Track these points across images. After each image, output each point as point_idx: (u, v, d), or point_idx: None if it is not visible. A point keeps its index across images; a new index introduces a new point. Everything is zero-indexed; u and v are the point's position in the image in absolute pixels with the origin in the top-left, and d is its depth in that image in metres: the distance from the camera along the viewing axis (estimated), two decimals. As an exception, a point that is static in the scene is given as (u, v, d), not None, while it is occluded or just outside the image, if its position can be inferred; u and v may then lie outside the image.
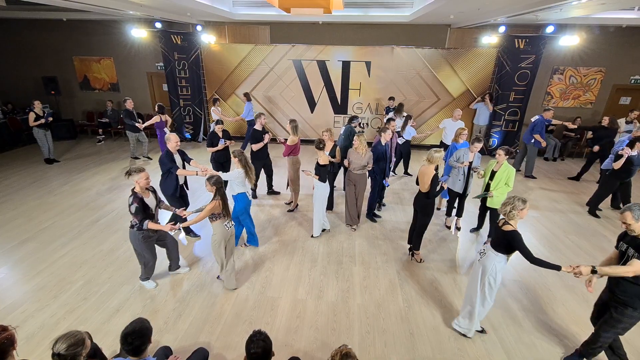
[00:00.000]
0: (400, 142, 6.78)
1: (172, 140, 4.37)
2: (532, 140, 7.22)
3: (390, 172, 6.65)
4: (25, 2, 6.45)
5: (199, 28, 8.78)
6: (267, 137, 5.68)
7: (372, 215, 5.68)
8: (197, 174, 4.38)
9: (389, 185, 5.60)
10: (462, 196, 5.17)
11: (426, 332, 3.39)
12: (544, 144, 7.15)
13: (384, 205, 6.02)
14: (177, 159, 4.50)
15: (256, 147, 5.65)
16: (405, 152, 7.34)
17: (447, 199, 5.89)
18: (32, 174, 7.23)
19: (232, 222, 3.75)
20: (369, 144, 5.05)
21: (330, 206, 5.80)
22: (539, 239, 5.14)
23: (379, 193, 5.65)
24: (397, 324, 3.49)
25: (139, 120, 8.13)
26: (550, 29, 7.75)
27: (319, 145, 4.67)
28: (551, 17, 6.84)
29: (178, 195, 4.57)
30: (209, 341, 3.21)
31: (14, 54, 10.04)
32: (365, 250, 4.78)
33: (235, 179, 4.21)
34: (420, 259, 4.50)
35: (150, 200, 3.49)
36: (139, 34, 8.69)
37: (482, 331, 3.36)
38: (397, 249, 4.82)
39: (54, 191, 6.43)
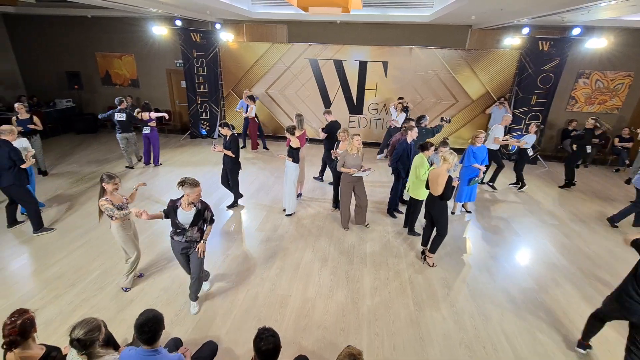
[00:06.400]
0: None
1: (15, 133, 4.69)
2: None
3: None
4: (54, -1, 6.70)
5: (217, 26, 8.90)
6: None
7: (392, 211, 5.71)
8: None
9: (404, 176, 5.52)
10: None
11: (436, 337, 3.33)
12: None
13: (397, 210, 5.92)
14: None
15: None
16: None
17: (462, 202, 5.80)
18: (50, 167, 7.48)
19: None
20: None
21: (337, 205, 5.78)
22: (558, 247, 4.97)
23: (400, 190, 5.66)
24: (407, 327, 3.44)
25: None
26: (576, 31, 7.49)
27: (292, 130, 5.28)
28: (578, 19, 6.62)
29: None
30: (219, 335, 3.24)
31: (40, 49, 10.42)
32: (377, 251, 4.74)
33: None
34: (433, 263, 4.42)
35: (185, 216, 3.16)
36: (159, 31, 8.86)
37: None
38: (409, 251, 4.76)
39: (76, 182, 6.64)
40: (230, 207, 5.80)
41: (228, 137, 5.33)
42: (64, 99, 10.43)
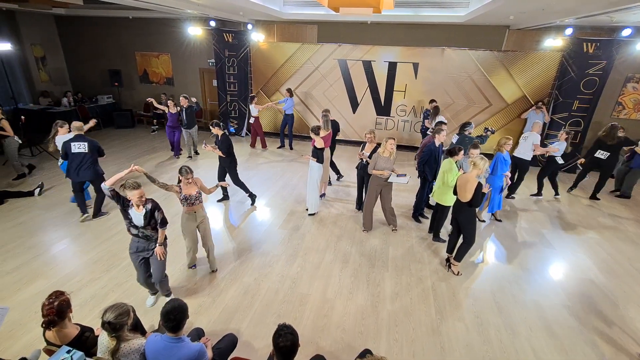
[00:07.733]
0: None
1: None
2: None
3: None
4: (100, 2, 7.12)
5: (249, 27, 9.10)
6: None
7: (417, 216, 5.61)
8: None
9: (430, 180, 5.39)
10: None
11: (458, 348, 3.22)
12: None
13: (422, 215, 5.78)
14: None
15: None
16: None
17: (493, 212, 5.58)
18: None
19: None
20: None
21: (361, 207, 5.73)
22: (597, 263, 4.65)
23: (426, 194, 5.53)
24: (428, 335, 3.35)
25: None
26: (626, 32, 6.94)
27: (316, 130, 5.31)
28: (629, 19, 6.15)
29: None
30: (239, 328, 3.32)
31: (85, 48, 11.12)
32: (400, 255, 4.65)
33: None
34: (458, 272, 4.27)
35: (138, 217, 3.19)
36: (194, 31, 9.20)
37: None
38: (433, 257, 4.63)
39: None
40: (252, 203, 5.94)
41: (220, 136, 5.30)
42: (105, 95, 11.09)
